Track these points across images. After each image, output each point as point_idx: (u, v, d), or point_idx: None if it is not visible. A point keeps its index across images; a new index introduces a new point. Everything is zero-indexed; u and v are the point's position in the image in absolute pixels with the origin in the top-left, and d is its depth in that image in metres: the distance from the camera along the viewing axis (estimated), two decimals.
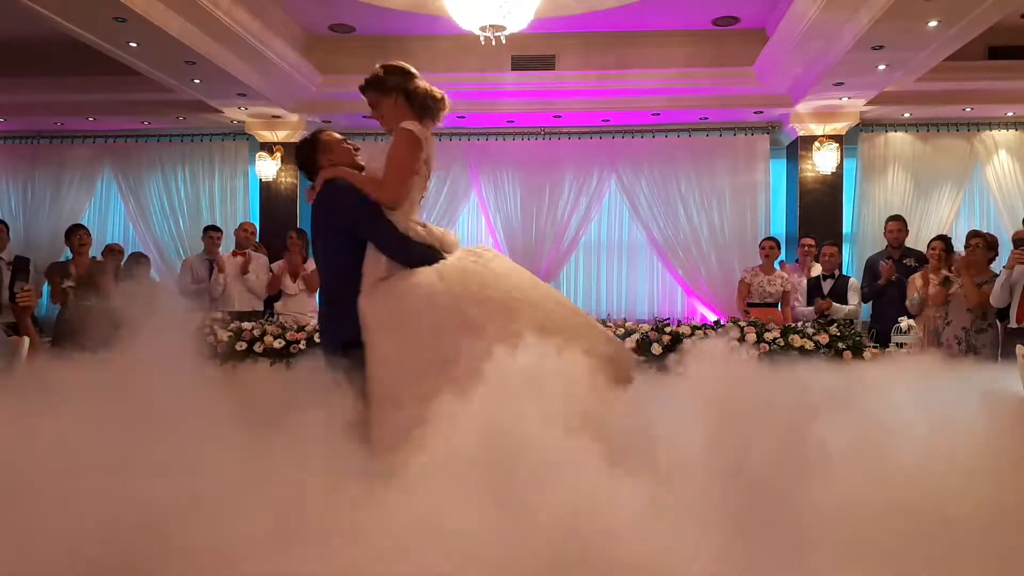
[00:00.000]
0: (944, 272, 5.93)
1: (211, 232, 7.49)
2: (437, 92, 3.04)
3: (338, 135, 3.20)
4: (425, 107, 3.01)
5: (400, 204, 2.93)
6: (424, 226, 2.97)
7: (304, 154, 3.16)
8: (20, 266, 4.32)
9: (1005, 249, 7.10)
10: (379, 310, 2.82)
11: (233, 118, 8.68)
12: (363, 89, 3.09)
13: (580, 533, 1.81)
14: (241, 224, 7.71)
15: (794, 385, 2.66)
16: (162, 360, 2.45)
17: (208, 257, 7.37)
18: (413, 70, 3.06)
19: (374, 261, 2.89)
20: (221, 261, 7.17)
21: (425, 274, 2.84)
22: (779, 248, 7.09)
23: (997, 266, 5.98)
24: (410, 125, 2.94)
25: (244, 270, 7.02)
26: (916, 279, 6.10)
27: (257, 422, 2.44)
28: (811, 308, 6.62)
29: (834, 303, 6.58)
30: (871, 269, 6.79)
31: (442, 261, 2.90)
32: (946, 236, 6.29)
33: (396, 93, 3.01)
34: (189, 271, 7.34)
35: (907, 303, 6.12)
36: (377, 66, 3.08)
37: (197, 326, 5.00)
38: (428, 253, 2.92)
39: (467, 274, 2.83)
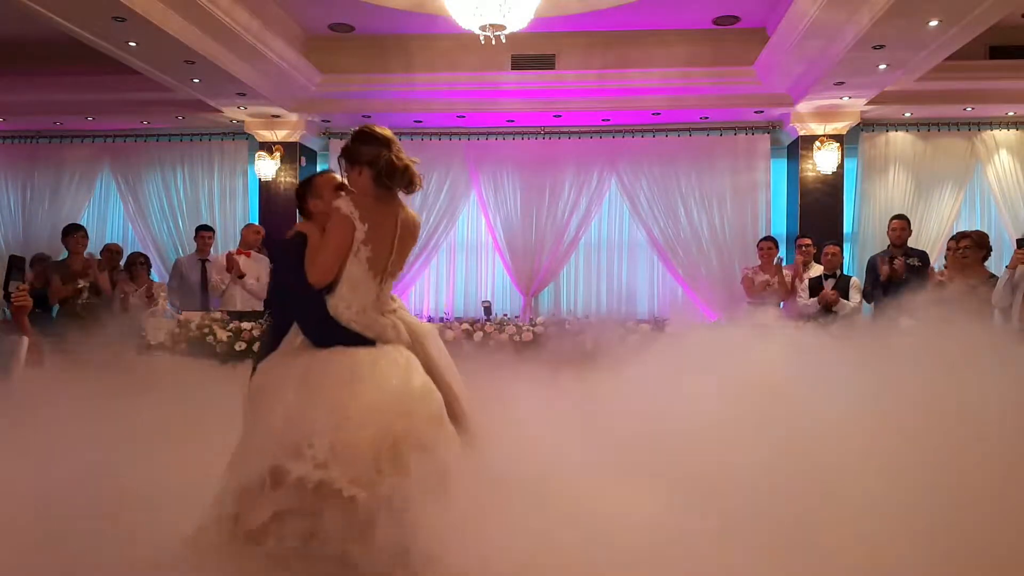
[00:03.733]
0: (937, 278, 5.88)
1: (202, 232, 7.36)
2: (401, 162, 2.83)
3: (336, 177, 3.06)
4: (391, 177, 2.82)
5: (322, 286, 2.80)
6: (364, 313, 2.82)
7: (299, 193, 3.17)
8: (16, 265, 4.27)
9: (1006, 248, 7.09)
10: (263, 381, 2.82)
11: (232, 118, 8.66)
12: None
13: None
14: (249, 224, 7.52)
15: None
16: None
17: (200, 257, 7.24)
18: (390, 137, 2.87)
19: (295, 331, 2.89)
20: (231, 262, 6.98)
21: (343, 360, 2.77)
22: (776, 248, 7.08)
23: (992, 265, 5.93)
24: (343, 204, 2.79)
25: (229, 269, 6.83)
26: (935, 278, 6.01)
27: None
28: (814, 299, 6.60)
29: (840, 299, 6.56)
30: (873, 269, 6.74)
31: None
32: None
33: (362, 164, 2.84)
34: (179, 271, 7.27)
35: None
36: (353, 133, 2.90)
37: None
38: (352, 338, 2.79)
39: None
